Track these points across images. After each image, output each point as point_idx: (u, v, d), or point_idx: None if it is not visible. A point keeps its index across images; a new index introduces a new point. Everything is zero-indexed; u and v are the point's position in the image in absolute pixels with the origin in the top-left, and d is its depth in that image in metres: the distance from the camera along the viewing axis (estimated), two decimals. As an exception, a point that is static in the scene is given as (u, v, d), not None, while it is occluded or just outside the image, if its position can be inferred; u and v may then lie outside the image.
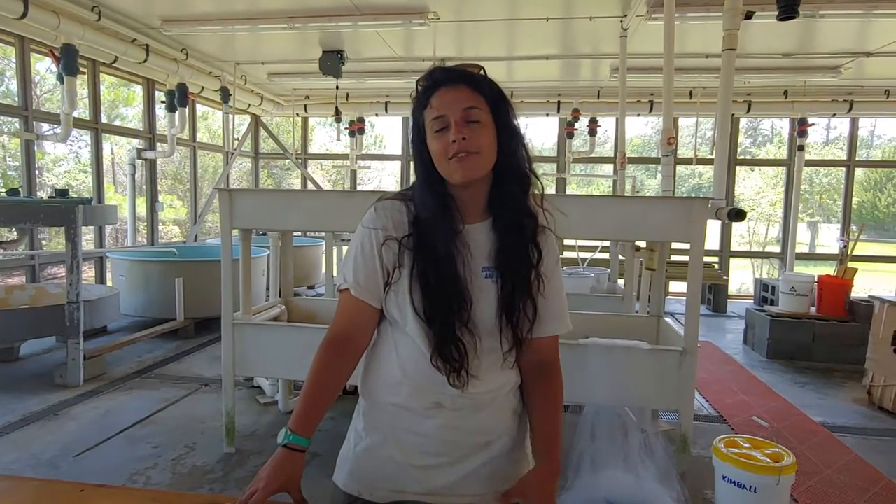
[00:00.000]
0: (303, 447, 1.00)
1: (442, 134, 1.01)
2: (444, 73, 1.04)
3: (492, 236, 1.06)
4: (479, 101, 1.01)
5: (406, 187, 1.12)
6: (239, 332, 2.84)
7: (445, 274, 1.01)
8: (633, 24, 4.53)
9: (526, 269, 1.06)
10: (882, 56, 5.63)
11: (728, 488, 2.20)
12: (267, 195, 3.55)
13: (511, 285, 1.04)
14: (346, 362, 1.08)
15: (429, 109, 1.03)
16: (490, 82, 1.05)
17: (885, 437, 3.37)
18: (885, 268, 8.21)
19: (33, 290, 4.86)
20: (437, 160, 1.03)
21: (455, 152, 0.99)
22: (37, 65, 6.65)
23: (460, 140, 0.99)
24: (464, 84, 1.02)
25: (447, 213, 1.04)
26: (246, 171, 9.96)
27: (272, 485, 0.96)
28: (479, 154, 1.00)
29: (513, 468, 1.12)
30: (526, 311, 1.05)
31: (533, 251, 1.07)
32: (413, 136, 1.07)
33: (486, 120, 1.01)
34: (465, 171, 1.00)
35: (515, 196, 1.06)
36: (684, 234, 2.50)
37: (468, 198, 1.06)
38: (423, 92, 1.05)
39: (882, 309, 3.84)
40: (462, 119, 1.00)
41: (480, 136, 1.00)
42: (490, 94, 1.03)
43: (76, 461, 2.80)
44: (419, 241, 1.04)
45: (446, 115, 1.00)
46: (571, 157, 7.98)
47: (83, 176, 9.25)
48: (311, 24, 4.94)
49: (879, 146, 13.33)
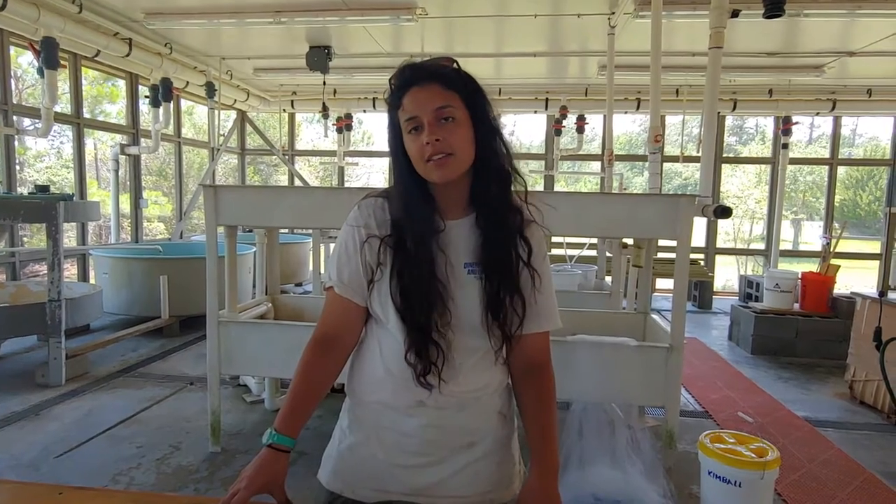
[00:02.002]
0: (288, 447, 0.99)
1: (416, 135, 0.99)
2: (414, 72, 1.01)
3: (475, 232, 1.05)
4: (452, 98, 0.99)
5: (391, 185, 1.11)
6: (224, 331, 2.81)
7: (422, 273, 1.00)
8: (620, 22, 4.54)
9: (512, 263, 1.04)
10: (865, 55, 5.71)
11: (713, 483, 2.22)
12: (252, 192, 3.51)
13: (496, 281, 1.03)
14: (333, 362, 1.07)
15: (401, 111, 1.00)
16: (464, 77, 1.02)
17: (866, 431, 3.42)
18: (866, 264, 8.34)
19: (14, 288, 4.77)
20: (414, 161, 1.01)
21: (430, 155, 0.97)
22: (18, 58, 6.53)
23: (433, 142, 0.97)
24: (435, 82, 0.99)
25: (426, 212, 1.03)
26: (232, 168, 9.87)
27: (254, 485, 0.95)
28: (454, 155, 0.98)
29: (497, 469, 1.11)
30: (514, 307, 1.04)
31: (522, 245, 1.05)
32: (389, 136, 1.05)
33: (460, 117, 0.99)
34: (441, 173, 0.99)
35: (496, 191, 1.04)
36: (671, 231, 2.51)
37: (448, 195, 1.05)
38: (395, 92, 1.02)
39: (864, 305, 3.89)
40: (435, 119, 0.97)
41: (454, 135, 0.98)
42: (464, 89, 1.00)
43: (57, 462, 2.75)
44: (396, 240, 1.02)
45: (419, 116, 0.98)
46: (559, 154, 8.00)
47: (65, 172, 9.09)
48: (298, 18, 4.90)
49: (861, 145, 13.53)
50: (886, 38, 5.17)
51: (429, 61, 1.02)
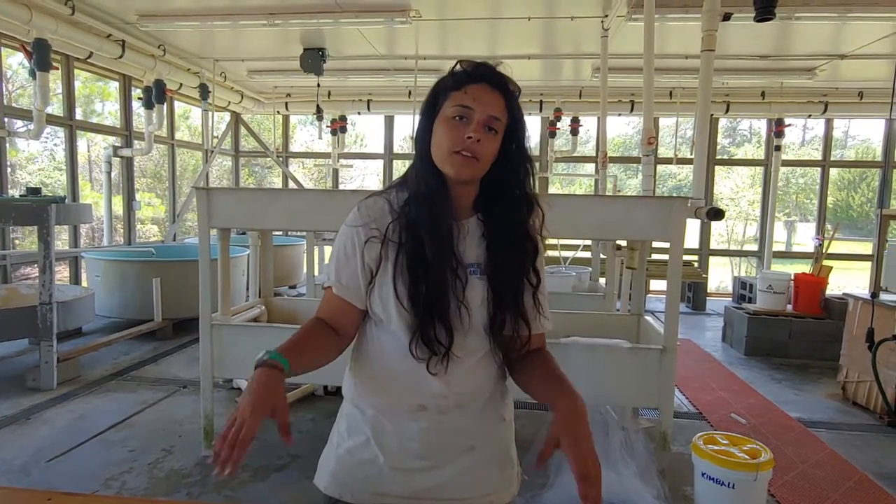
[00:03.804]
0: (284, 367, 0.91)
1: (460, 123, 1.00)
2: (490, 73, 1.03)
3: (479, 234, 1.06)
4: (504, 116, 1.02)
5: (389, 185, 1.11)
6: (217, 333, 2.79)
7: (444, 251, 1.00)
8: (613, 25, 4.56)
9: (517, 266, 1.05)
10: (856, 58, 5.76)
11: (707, 485, 2.23)
12: (245, 194, 3.50)
13: (500, 284, 1.03)
14: (334, 337, 1.06)
15: (460, 94, 1.01)
16: (519, 105, 1.05)
17: (858, 432, 3.44)
18: (858, 266, 8.39)
19: (5, 291, 4.73)
20: (438, 146, 1.01)
21: (463, 148, 0.98)
22: (9, 59, 6.48)
23: (474, 141, 0.98)
24: (502, 94, 1.02)
25: (445, 192, 1.03)
26: (227, 170, 9.84)
27: (261, 409, 0.84)
28: (479, 162, 1.00)
29: (497, 472, 1.11)
30: (519, 309, 1.05)
31: (528, 246, 1.07)
32: (425, 115, 1.04)
33: (500, 134, 1.02)
34: (461, 170, 1.00)
35: (508, 206, 1.06)
36: (664, 233, 2.52)
37: (458, 194, 1.05)
38: (462, 75, 1.03)
39: (856, 306, 3.92)
40: (485, 122, 0.99)
41: (488, 146, 1.00)
42: (514, 114, 1.04)
43: (48, 467, 2.73)
44: (415, 217, 1.01)
45: (475, 111, 0.99)
46: (554, 156, 8.02)
47: (58, 174, 9.04)
48: (292, 20, 4.89)
49: (853, 147, 13.64)
50: (877, 41, 5.21)
51: (504, 74, 1.04)
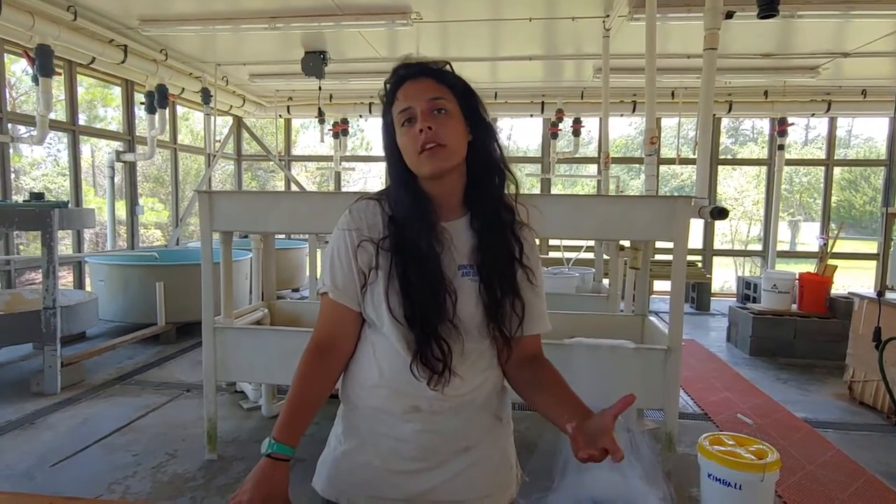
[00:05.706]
0: (287, 456, 0.97)
1: (409, 127, 1.00)
2: (407, 68, 1.04)
3: (470, 233, 1.05)
4: (445, 92, 1.01)
5: (382, 189, 1.10)
6: (220, 337, 2.79)
7: (427, 273, 0.99)
8: (615, 25, 4.54)
9: (509, 264, 1.04)
10: (859, 56, 5.73)
11: (713, 486, 2.21)
12: (247, 197, 3.50)
13: (493, 283, 1.02)
14: (330, 369, 1.06)
15: (396, 103, 1.02)
16: (455, 75, 1.05)
17: (865, 432, 3.41)
18: (863, 264, 8.34)
19: (9, 296, 4.75)
20: (406, 155, 1.02)
21: (423, 144, 0.98)
22: (12, 65, 6.51)
23: (426, 129, 0.98)
24: (429, 76, 1.02)
25: (423, 211, 1.02)
26: (229, 174, 9.86)
27: (256, 497, 0.92)
28: (446, 146, 0.99)
29: (494, 473, 1.10)
30: (514, 308, 1.04)
31: (514, 244, 1.06)
32: (384, 137, 1.06)
33: (452, 110, 1.01)
34: (433, 163, 0.99)
35: (491, 191, 1.05)
36: (668, 233, 2.51)
37: (443, 194, 1.04)
38: (390, 89, 1.04)
39: (862, 305, 3.89)
40: (428, 109, 0.99)
41: (446, 127, 0.99)
42: (456, 85, 1.03)
43: (52, 471, 2.73)
44: (397, 240, 1.02)
45: (412, 107, 1.00)
46: (556, 157, 8.01)
47: (62, 180, 9.07)
48: (294, 24, 4.89)
49: (856, 146, 13.58)
50: (880, 39, 5.19)
51: (421, 59, 1.04)
